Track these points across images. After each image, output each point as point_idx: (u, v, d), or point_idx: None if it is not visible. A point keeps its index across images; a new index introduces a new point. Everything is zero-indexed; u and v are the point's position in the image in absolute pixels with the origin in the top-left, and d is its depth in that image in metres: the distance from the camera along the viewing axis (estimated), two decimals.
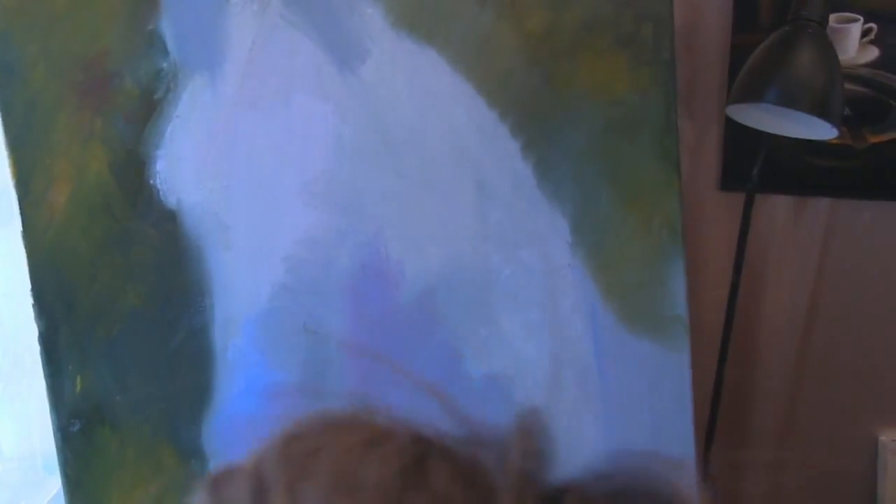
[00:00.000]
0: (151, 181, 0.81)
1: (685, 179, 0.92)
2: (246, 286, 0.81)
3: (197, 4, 0.79)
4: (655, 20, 0.76)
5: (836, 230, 1.16)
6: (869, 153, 1.10)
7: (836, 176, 1.12)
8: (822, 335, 1.21)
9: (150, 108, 0.80)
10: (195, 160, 0.80)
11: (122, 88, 0.80)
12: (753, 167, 1.07)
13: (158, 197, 0.81)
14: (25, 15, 0.80)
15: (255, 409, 0.82)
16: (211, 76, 0.80)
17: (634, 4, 0.75)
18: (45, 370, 0.82)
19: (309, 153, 0.80)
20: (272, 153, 0.80)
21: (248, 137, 0.80)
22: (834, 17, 1.02)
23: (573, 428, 0.79)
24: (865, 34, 1.06)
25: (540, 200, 0.78)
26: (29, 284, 0.82)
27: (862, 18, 1.05)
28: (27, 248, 0.81)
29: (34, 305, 0.82)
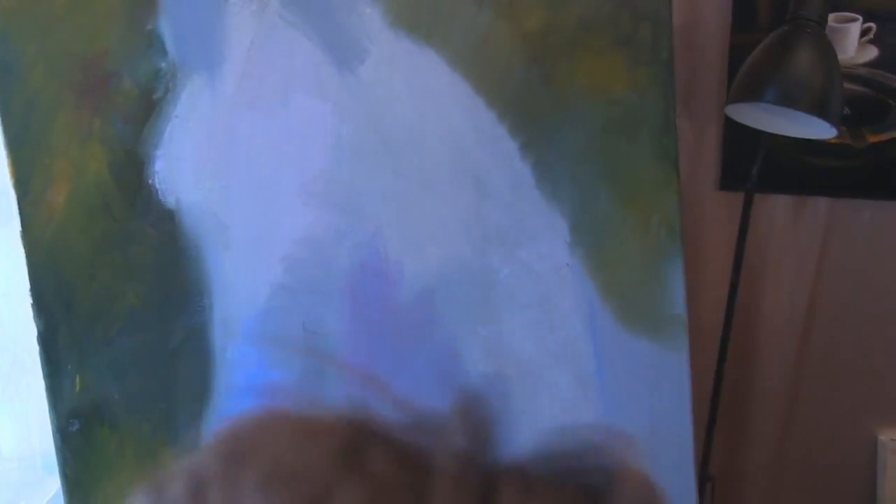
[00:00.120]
0: (150, 181, 0.81)
1: (684, 179, 0.92)
2: (245, 286, 0.81)
3: (196, 4, 0.79)
4: (654, 20, 0.76)
5: (835, 230, 1.16)
6: (868, 153, 1.10)
7: (835, 175, 1.12)
8: (821, 335, 1.21)
9: (148, 107, 0.80)
10: (194, 160, 0.80)
11: (120, 88, 0.80)
12: (752, 167, 1.07)
13: (157, 197, 0.81)
14: (24, 15, 0.80)
15: (254, 408, 0.82)
16: (210, 76, 0.80)
17: (633, 4, 0.75)
18: (44, 370, 0.83)
19: (308, 153, 0.80)
20: (271, 153, 0.80)
21: (246, 137, 0.80)
22: (833, 16, 1.03)
23: (572, 427, 0.79)
24: (864, 34, 1.06)
25: (539, 200, 0.78)
26: (28, 284, 0.82)
27: (861, 18, 1.05)
28: (26, 247, 0.82)
29: (33, 305, 0.82)
